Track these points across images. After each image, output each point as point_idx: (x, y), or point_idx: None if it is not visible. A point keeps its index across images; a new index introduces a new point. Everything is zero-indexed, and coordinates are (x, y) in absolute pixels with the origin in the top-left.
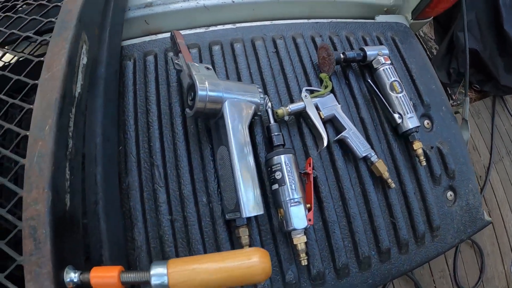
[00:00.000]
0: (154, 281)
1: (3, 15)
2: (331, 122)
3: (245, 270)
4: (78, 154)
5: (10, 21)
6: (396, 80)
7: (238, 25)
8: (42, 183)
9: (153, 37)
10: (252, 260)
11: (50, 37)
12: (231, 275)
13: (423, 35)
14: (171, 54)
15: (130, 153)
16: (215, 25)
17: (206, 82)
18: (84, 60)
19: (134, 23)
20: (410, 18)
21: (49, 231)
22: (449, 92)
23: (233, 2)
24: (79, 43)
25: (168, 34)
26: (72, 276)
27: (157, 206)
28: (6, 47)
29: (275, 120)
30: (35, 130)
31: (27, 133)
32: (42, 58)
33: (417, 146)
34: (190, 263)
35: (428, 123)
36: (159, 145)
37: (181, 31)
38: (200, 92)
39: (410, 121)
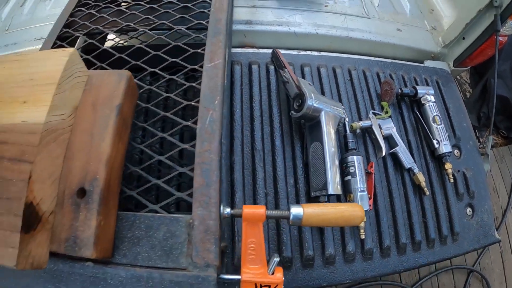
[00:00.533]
0: (292, 215)
1: (147, 5)
2: (387, 139)
3: (351, 213)
4: (225, 126)
5: (158, 13)
6: (437, 115)
7: (322, 53)
8: (214, 139)
9: (256, 50)
10: (356, 208)
11: (203, 35)
12: (342, 215)
13: (459, 78)
14: (271, 67)
15: (236, 137)
16: (299, 49)
17: (313, 95)
18: (226, 58)
19: (235, 35)
20: (452, 66)
21: (218, 174)
22: (477, 135)
23: (317, 33)
24: (227, 46)
25: (266, 50)
26: (227, 209)
27: (255, 182)
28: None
29: (350, 131)
30: (206, 102)
31: (192, 103)
32: (199, 50)
33: (448, 166)
34: (316, 206)
35: (457, 152)
36: (260, 135)
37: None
38: (309, 102)
39: (445, 147)
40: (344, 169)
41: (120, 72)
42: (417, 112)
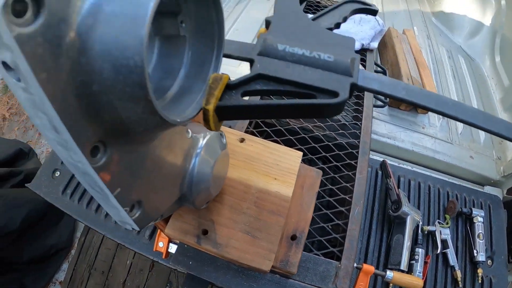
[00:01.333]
0: (387, 275)
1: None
2: (443, 242)
3: (417, 282)
4: None
5: (326, 123)
6: (481, 232)
7: (414, 168)
8: (358, 223)
9: (370, 155)
10: (419, 281)
11: (356, 151)
12: (411, 282)
13: None
14: (380, 172)
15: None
16: (398, 158)
17: (406, 204)
18: None
19: None
20: (505, 193)
21: (357, 243)
22: None
23: (413, 150)
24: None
25: (377, 155)
26: (355, 263)
27: None
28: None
29: (420, 231)
30: (356, 200)
31: (346, 197)
32: (352, 162)
33: (480, 271)
34: (398, 274)
35: (490, 262)
36: (364, 220)
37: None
38: (403, 209)
39: (481, 257)
40: (411, 255)
41: (317, 170)
42: (468, 228)
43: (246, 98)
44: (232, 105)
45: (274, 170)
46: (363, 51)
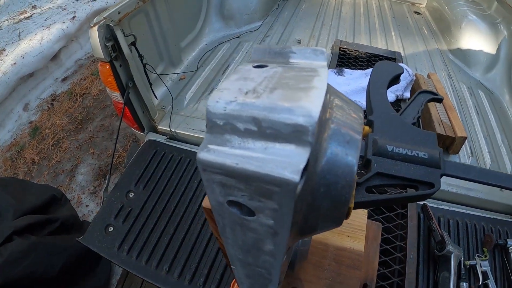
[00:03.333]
0: None
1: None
2: (483, 274)
3: None
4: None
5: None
6: None
7: (452, 207)
8: (413, 267)
9: None
10: None
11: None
12: None
13: None
14: (422, 215)
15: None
16: (435, 199)
17: (450, 242)
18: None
19: None
20: None
21: (415, 285)
22: None
23: (448, 190)
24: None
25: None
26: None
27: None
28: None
29: (463, 266)
30: (410, 245)
31: (401, 244)
32: (403, 211)
33: None
34: None
35: None
36: (417, 262)
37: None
38: (448, 248)
39: None
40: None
41: (377, 223)
42: (505, 257)
43: None
44: (365, 201)
45: (346, 228)
46: (398, 102)
